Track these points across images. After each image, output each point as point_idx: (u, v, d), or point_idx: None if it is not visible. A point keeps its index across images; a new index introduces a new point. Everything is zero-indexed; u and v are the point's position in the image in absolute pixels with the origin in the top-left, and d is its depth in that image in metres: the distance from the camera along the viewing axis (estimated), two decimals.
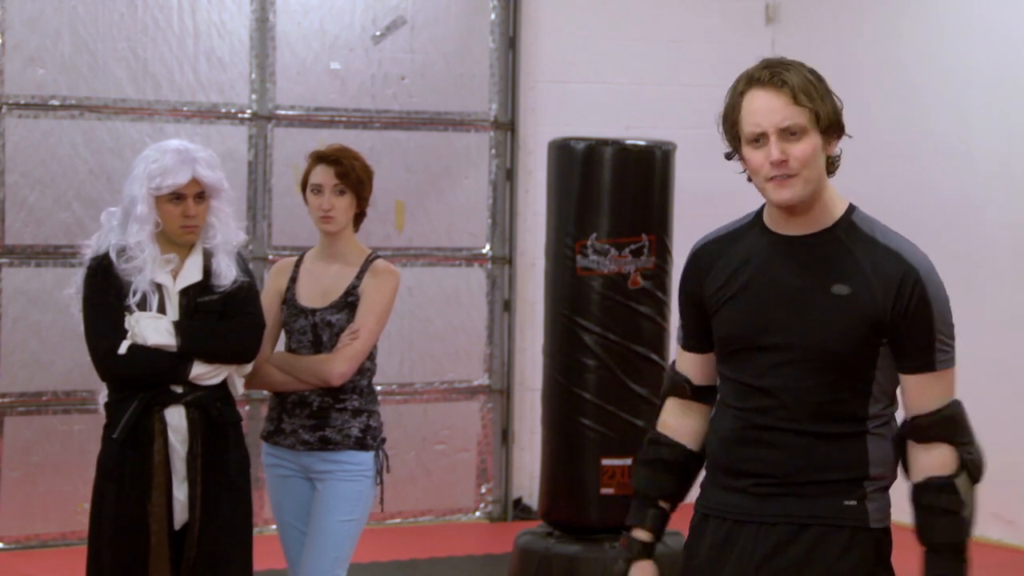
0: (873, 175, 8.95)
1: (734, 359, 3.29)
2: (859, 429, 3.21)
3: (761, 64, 3.21)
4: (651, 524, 3.42)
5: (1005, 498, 8.37)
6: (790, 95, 3.14)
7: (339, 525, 4.92)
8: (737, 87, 3.21)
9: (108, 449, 4.60)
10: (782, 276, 3.24)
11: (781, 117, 3.14)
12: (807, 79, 3.17)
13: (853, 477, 3.21)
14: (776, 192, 3.18)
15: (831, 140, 3.22)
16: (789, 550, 3.21)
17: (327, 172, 5.00)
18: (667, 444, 3.44)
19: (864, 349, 3.19)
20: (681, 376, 3.44)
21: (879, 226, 3.28)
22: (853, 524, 3.20)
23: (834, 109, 3.20)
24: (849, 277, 3.20)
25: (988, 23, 8.55)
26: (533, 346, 8.72)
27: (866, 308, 3.17)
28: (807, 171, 3.17)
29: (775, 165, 3.15)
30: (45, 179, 8.06)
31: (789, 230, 3.26)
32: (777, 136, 3.15)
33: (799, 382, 3.20)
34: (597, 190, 6.83)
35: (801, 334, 3.19)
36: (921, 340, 3.20)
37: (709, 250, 3.37)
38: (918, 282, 3.20)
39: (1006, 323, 8.39)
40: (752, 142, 3.18)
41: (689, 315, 3.41)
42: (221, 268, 4.63)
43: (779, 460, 3.22)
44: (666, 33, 9.27)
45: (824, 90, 3.20)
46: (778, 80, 3.15)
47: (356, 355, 4.92)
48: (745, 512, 3.26)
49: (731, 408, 3.30)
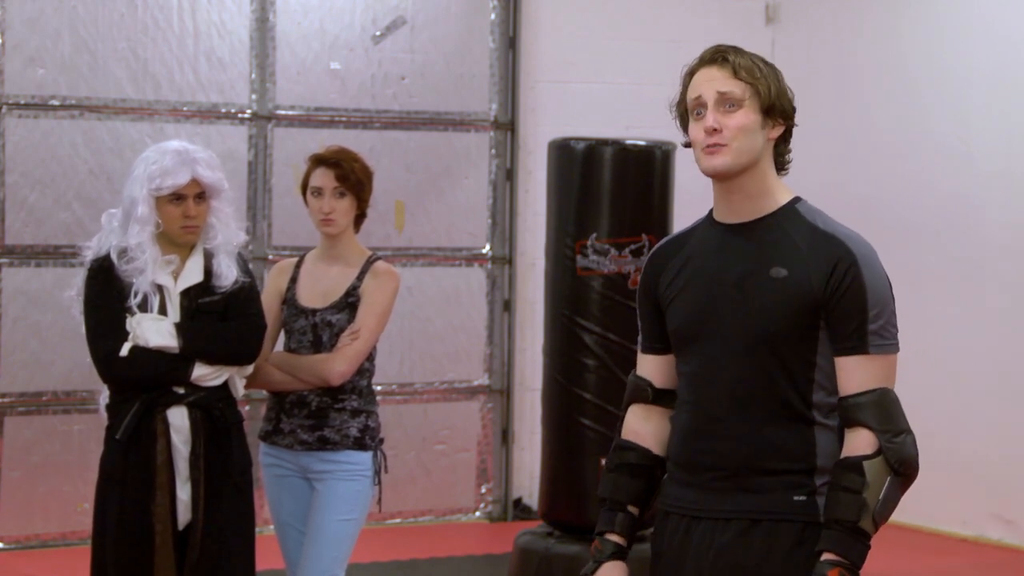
0: (873, 175, 8.95)
1: (686, 352, 3.34)
2: (806, 417, 3.23)
3: (711, 48, 3.32)
4: (620, 529, 3.43)
5: (1005, 498, 8.38)
6: (731, 69, 3.25)
7: (337, 525, 4.92)
8: (687, 69, 3.34)
9: (111, 450, 4.59)
10: (726, 264, 3.29)
11: (719, 85, 3.24)
12: (753, 62, 3.26)
13: (802, 468, 3.23)
14: (706, 160, 3.26)
15: (773, 123, 3.27)
16: (742, 545, 3.24)
17: (327, 175, 5.00)
18: (632, 449, 3.46)
19: (801, 331, 3.21)
20: (643, 380, 3.47)
21: (822, 216, 3.31)
22: (804, 519, 3.23)
23: (779, 92, 3.26)
24: (787, 260, 3.23)
25: (988, 23, 8.55)
26: (533, 346, 8.73)
27: (801, 290, 3.21)
28: (739, 142, 3.23)
29: (708, 133, 3.24)
30: (45, 179, 8.07)
31: (732, 218, 3.31)
32: (714, 105, 3.24)
33: (743, 368, 3.24)
34: (597, 190, 6.83)
35: (742, 319, 3.24)
36: (853, 321, 3.19)
37: (663, 251, 3.43)
38: (853, 264, 3.20)
39: (1006, 323, 8.40)
40: (694, 114, 3.29)
41: (647, 316, 3.45)
42: (222, 269, 4.63)
43: (729, 450, 3.25)
44: (666, 33, 9.27)
45: (771, 75, 3.27)
46: (720, 57, 3.27)
47: (356, 355, 4.92)
48: (700, 508, 3.29)
49: (686, 403, 3.34)
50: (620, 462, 3.46)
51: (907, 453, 3.19)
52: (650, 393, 3.46)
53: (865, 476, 3.16)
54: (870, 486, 3.16)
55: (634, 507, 3.44)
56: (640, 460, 3.44)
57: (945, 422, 8.26)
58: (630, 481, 3.44)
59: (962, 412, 8.43)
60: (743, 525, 3.25)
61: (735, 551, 3.25)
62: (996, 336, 8.42)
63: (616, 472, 3.46)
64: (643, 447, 3.45)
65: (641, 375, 3.48)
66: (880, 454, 3.17)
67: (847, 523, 3.16)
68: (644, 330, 3.48)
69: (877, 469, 3.17)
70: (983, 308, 8.49)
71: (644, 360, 3.49)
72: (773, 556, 3.23)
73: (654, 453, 3.45)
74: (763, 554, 3.23)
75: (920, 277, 8.50)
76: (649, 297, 3.44)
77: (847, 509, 3.17)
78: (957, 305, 8.59)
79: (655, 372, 3.46)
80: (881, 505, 3.17)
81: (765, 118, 3.25)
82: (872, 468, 3.17)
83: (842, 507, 3.17)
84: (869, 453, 3.17)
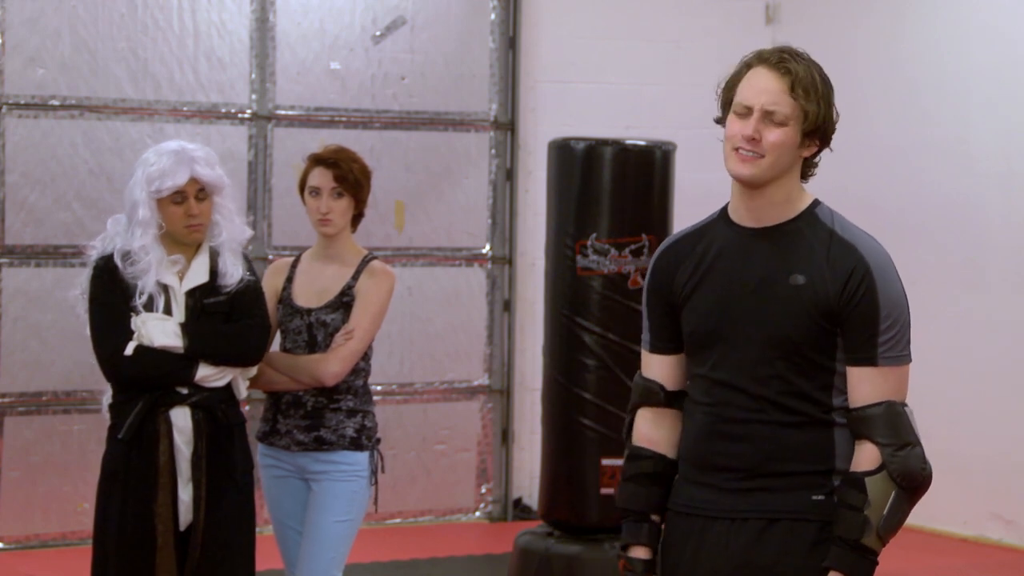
0: (873, 175, 8.95)
1: (701, 353, 3.32)
2: (825, 419, 3.23)
3: (777, 47, 3.28)
4: (647, 540, 3.42)
5: (1005, 498, 8.38)
6: (788, 84, 3.21)
7: (334, 525, 4.92)
8: (746, 59, 3.28)
9: (113, 450, 4.59)
10: (745, 267, 3.28)
11: (770, 100, 3.21)
12: (813, 78, 3.23)
13: (820, 470, 3.23)
14: (737, 165, 3.25)
15: (810, 143, 3.27)
16: (760, 545, 3.23)
17: (325, 175, 4.99)
18: (647, 457, 3.43)
19: (820, 338, 3.21)
20: (654, 383, 3.42)
21: (840, 219, 3.31)
22: (822, 519, 3.22)
23: (825, 117, 3.25)
24: (806, 267, 3.23)
25: (988, 23, 8.55)
26: (533, 346, 8.72)
27: (819, 297, 3.21)
28: (774, 157, 3.22)
29: (746, 139, 3.22)
30: (45, 179, 8.06)
31: (752, 222, 3.30)
32: (760, 115, 3.21)
33: (762, 372, 3.23)
34: (597, 190, 6.83)
35: (761, 324, 3.23)
36: (864, 333, 3.20)
37: (676, 249, 3.40)
38: (867, 274, 3.20)
39: (1006, 323, 8.40)
40: (738, 112, 3.25)
41: (658, 315, 3.41)
42: (227, 267, 4.62)
43: (746, 452, 3.24)
44: (666, 33, 9.27)
45: (825, 96, 3.25)
46: (783, 67, 3.22)
47: (350, 355, 4.91)
48: (716, 508, 3.28)
49: (700, 405, 3.32)
50: (637, 471, 3.43)
51: (911, 466, 3.18)
52: (663, 396, 3.41)
53: (866, 493, 3.16)
54: (872, 503, 3.16)
55: (656, 515, 3.42)
56: (657, 468, 3.42)
57: (945, 422, 8.25)
58: (649, 490, 3.41)
59: (962, 412, 8.42)
60: (761, 525, 3.24)
61: (753, 550, 3.24)
62: (996, 336, 8.42)
63: (634, 482, 3.43)
64: (659, 453, 3.42)
65: (650, 377, 3.43)
66: (883, 469, 3.17)
67: (850, 541, 3.17)
68: (653, 329, 3.43)
69: (880, 485, 3.17)
70: (983, 308, 8.49)
71: (652, 360, 3.44)
72: (791, 555, 3.22)
73: (669, 458, 3.42)
74: (781, 553, 3.22)
75: (920, 277, 8.49)
76: (662, 295, 3.39)
77: (850, 527, 3.18)
78: (957, 305, 8.59)
79: (665, 374, 3.42)
80: (886, 521, 3.17)
81: (804, 138, 3.25)
82: (874, 484, 3.17)
83: (845, 525, 3.18)
84: (871, 469, 3.18)
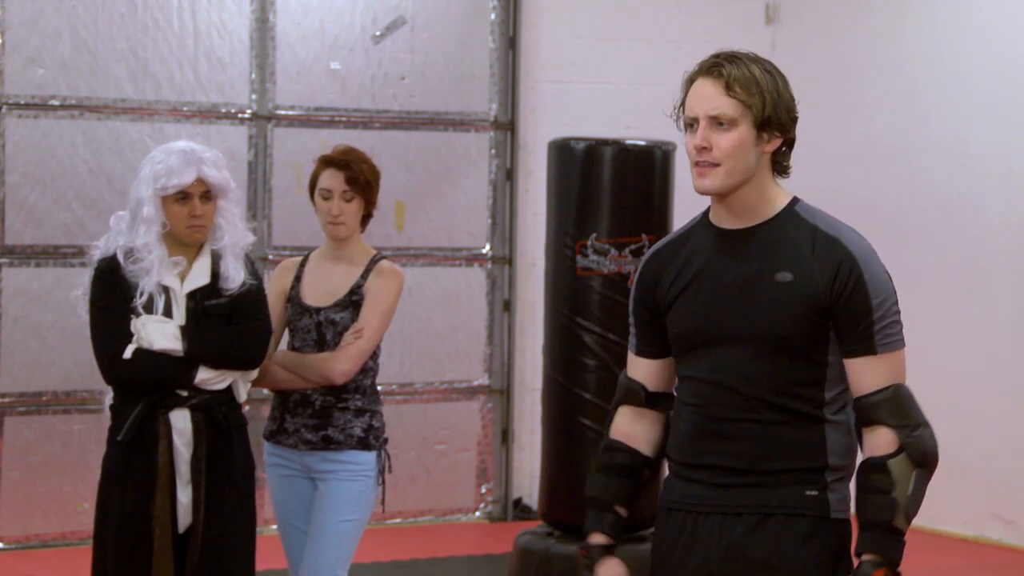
0: (873, 175, 8.95)
1: (689, 356, 3.33)
2: (816, 415, 3.25)
3: (713, 54, 3.28)
4: (608, 530, 3.44)
5: (1005, 498, 8.38)
6: (723, 85, 3.20)
7: (340, 525, 4.92)
8: (688, 75, 3.30)
9: (113, 451, 4.58)
10: (729, 268, 3.28)
11: (710, 105, 3.21)
12: (750, 74, 3.21)
13: (813, 466, 3.25)
14: (697, 179, 3.26)
15: (769, 138, 3.23)
16: (753, 539, 3.25)
17: (336, 177, 4.99)
18: (621, 450, 3.46)
19: (811, 334, 3.23)
20: (636, 383, 3.46)
21: (821, 215, 3.31)
22: (815, 514, 3.25)
23: (775, 107, 3.21)
24: (792, 264, 3.24)
25: (988, 23, 8.55)
26: (533, 346, 8.73)
27: (808, 293, 3.21)
28: (731, 163, 3.21)
29: (697, 151, 3.22)
30: (45, 179, 8.06)
31: (732, 224, 3.30)
32: (706, 123, 3.21)
33: (752, 371, 3.24)
34: (597, 190, 6.83)
35: (750, 323, 3.24)
36: (859, 324, 3.22)
37: (659, 257, 3.41)
38: (855, 267, 3.21)
39: (1006, 323, 8.40)
40: (688, 127, 3.26)
41: (643, 320, 3.43)
42: (229, 271, 4.61)
43: (739, 450, 3.25)
44: (666, 33, 9.27)
45: (769, 86, 3.21)
46: (716, 71, 3.22)
47: (359, 354, 4.92)
48: (708, 503, 3.30)
49: (689, 406, 3.33)
50: (608, 462, 3.47)
51: (927, 446, 3.24)
52: (644, 397, 3.45)
53: (892, 475, 3.20)
54: (898, 484, 3.20)
55: (621, 507, 3.46)
56: (628, 461, 3.45)
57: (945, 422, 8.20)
58: (618, 481, 3.45)
59: (962, 412, 8.42)
60: (754, 519, 3.26)
61: (746, 545, 3.25)
62: (996, 336, 8.42)
63: (604, 472, 3.47)
64: (633, 448, 3.46)
65: (634, 378, 3.47)
66: (902, 451, 3.21)
67: (883, 524, 3.20)
68: (639, 334, 3.46)
69: (902, 466, 3.21)
70: (983, 308, 8.49)
71: (636, 363, 3.48)
72: (784, 549, 3.24)
73: (644, 454, 3.45)
74: (774, 547, 3.24)
75: (920, 277, 8.50)
76: (646, 302, 3.42)
77: (880, 510, 3.21)
78: (957, 305, 8.60)
79: (648, 376, 3.45)
80: (910, 500, 3.22)
81: (760, 133, 3.22)
82: (897, 466, 3.21)
83: (875, 509, 3.21)
84: (892, 451, 3.21)
